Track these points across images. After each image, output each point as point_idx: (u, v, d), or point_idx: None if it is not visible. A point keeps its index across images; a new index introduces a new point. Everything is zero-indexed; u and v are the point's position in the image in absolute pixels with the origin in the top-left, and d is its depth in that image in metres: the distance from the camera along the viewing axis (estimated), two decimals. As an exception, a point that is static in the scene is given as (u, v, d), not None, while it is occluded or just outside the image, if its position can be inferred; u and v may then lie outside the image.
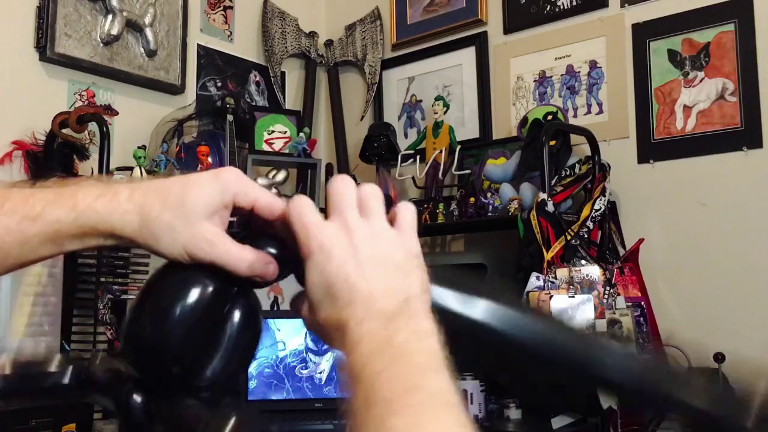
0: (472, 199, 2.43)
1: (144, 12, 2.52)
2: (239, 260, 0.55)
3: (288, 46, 3.04)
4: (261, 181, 2.55)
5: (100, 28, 2.41)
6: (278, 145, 2.69)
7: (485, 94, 2.75)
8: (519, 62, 2.68)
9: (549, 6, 2.60)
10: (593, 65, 2.50)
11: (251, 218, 0.59)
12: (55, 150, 2.20)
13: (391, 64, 3.02)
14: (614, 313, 1.95)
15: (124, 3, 2.45)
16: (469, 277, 0.60)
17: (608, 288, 1.98)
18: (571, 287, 1.97)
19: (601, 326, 1.93)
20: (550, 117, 2.41)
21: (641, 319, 2.01)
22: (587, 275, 1.98)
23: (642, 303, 2.05)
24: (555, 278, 1.99)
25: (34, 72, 2.29)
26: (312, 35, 3.11)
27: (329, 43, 3.13)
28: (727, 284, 2.17)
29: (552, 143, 2.21)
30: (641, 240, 2.18)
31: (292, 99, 3.10)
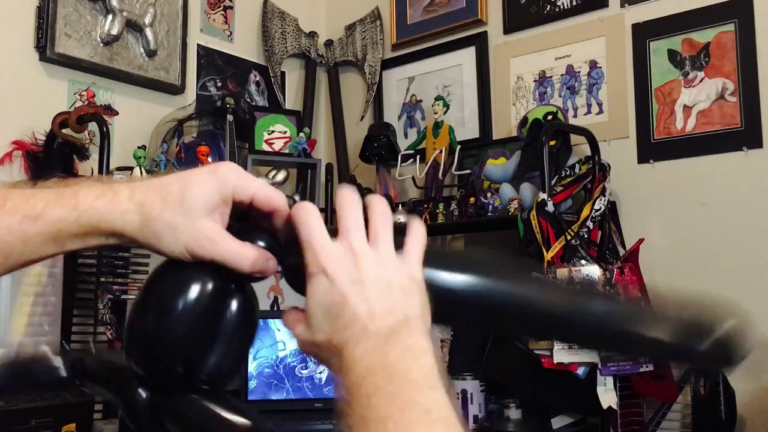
0: (472, 199, 2.43)
1: (144, 12, 2.52)
2: (241, 258, 0.56)
3: (288, 46, 3.04)
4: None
5: (100, 28, 2.41)
6: (278, 145, 2.69)
7: (485, 94, 2.75)
8: (519, 62, 2.67)
9: (549, 6, 2.60)
10: (593, 65, 2.50)
11: (249, 210, 0.59)
12: (55, 150, 2.20)
13: (391, 64, 3.02)
14: (614, 313, 1.95)
15: (124, 3, 2.45)
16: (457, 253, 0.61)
17: (608, 288, 1.98)
18: (571, 287, 1.96)
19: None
20: (550, 117, 2.41)
21: (641, 319, 2.01)
22: (587, 275, 1.98)
23: (642, 303, 2.04)
24: (555, 278, 1.99)
25: (34, 72, 2.29)
26: (312, 35, 3.11)
27: (329, 43, 3.13)
28: (727, 284, 2.17)
29: (552, 143, 2.21)
30: (641, 240, 2.18)
31: (292, 99, 3.10)
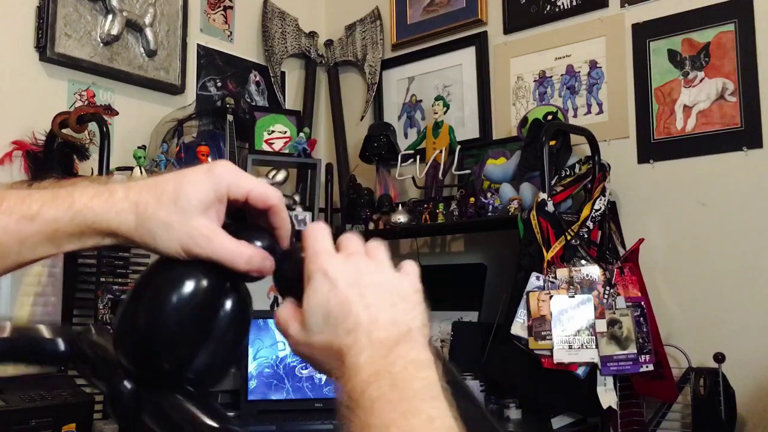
0: (472, 199, 2.42)
1: (144, 12, 2.52)
2: (237, 255, 0.55)
3: (288, 46, 3.04)
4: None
5: (100, 28, 2.41)
6: (278, 145, 2.69)
7: (485, 94, 2.74)
8: (519, 62, 2.67)
9: (549, 6, 2.60)
10: (593, 65, 2.50)
11: (245, 209, 0.59)
12: (55, 150, 2.20)
13: (391, 64, 3.02)
14: (614, 313, 1.95)
15: (124, 3, 2.45)
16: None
17: (608, 288, 1.98)
18: (571, 287, 1.97)
19: (601, 326, 1.93)
20: (550, 117, 2.41)
21: (641, 319, 2.01)
22: (587, 275, 1.98)
23: (642, 303, 2.04)
24: (555, 278, 1.99)
25: (34, 72, 2.29)
26: (312, 35, 3.11)
27: (329, 43, 3.13)
28: (727, 284, 2.17)
29: (552, 143, 2.21)
30: (641, 240, 2.18)
31: (292, 99, 3.10)
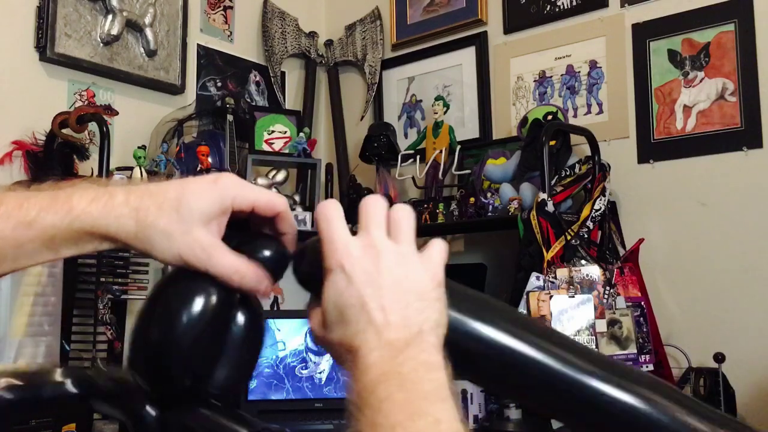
0: (472, 199, 2.42)
1: (144, 12, 2.52)
2: (233, 273, 0.55)
3: (288, 46, 3.03)
4: (261, 181, 2.55)
5: (100, 28, 2.41)
6: (278, 145, 2.69)
7: (485, 94, 2.74)
8: (519, 62, 2.67)
9: (549, 6, 2.60)
10: (593, 65, 2.50)
11: (250, 217, 0.58)
12: (55, 150, 2.20)
13: (391, 64, 3.02)
14: (614, 313, 1.95)
15: (124, 3, 2.45)
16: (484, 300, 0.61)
17: (608, 288, 1.98)
18: (571, 287, 1.97)
19: (601, 326, 1.93)
20: (550, 117, 2.41)
21: (641, 319, 2.01)
22: (587, 275, 1.98)
23: (642, 303, 2.05)
24: (555, 278, 1.99)
25: (34, 72, 2.29)
26: (312, 35, 3.11)
27: (329, 43, 3.13)
28: (727, 284, 2.17)
29: (552, 143, 2.21)
30: (641, 240, 2.18)
31: (292, 99, 3.10)
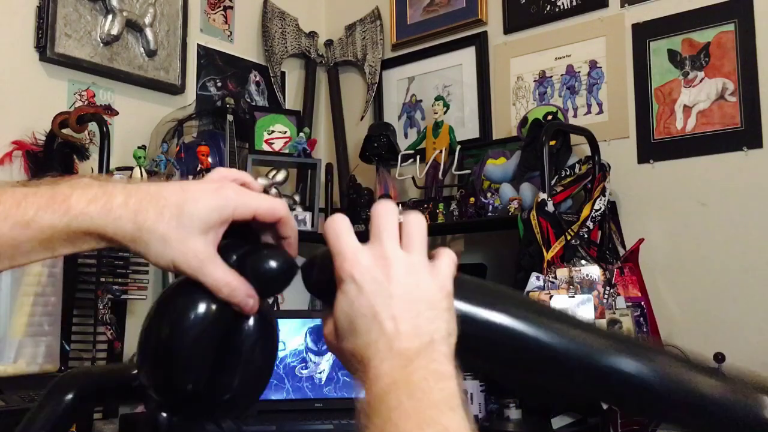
0: (472, 199, 2.43)
1: (144, 12, 2.52)
2: (223, 285, 0.55)
3: (288, 46, 3.03)
4: (261, 181, 2.55)
5: (100, 28, 2.41)
6: (278, 145, 2.69)
7: (485, 94, 2.74)
8: (519, 62, 2.67)
9: (549, 6, 2.60)
10: (593, 65, 2.50)
11: (251, 223, 0.59)
12: (55, 150, 2.20)
13: (391, 64, 3.02)
14: (614, 313, 1.95)
15: (124, 3, 2.45)
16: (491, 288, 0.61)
17: (608, 288, 1.98)
18: (571, 287, 1.97)
19: (601, 326, 1.92)
20: (550, 117, 2.41)
21: (641, 319, 2.01)
22: (587, 275, 1.98)
23: (642, 303, 2.05)
24: (555, 278, 1.99)
25: (34, 72, 2.29)
26: (312, 35, 3.11)
27: (329, 43, 3.13)
28: (727, 284, 2.17)
29: (552, 143, 2.21)
30: (641, 240, 2.18)
31: (292, 99, 3.10)
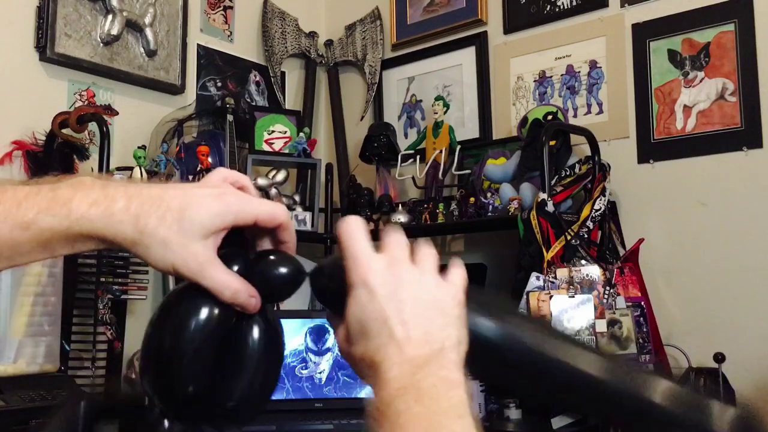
0: (472, 199, 2.42)
1: (144, 12, 2.52)
2: (224, 288, 0.56)
3: (288, 46, 3.03)
4: (261, 181, 2.55)
5: (100, 28, 2.41)
6: (278, 145, 2.69)
7: (485, 94, 2.74)
8: (519, 62, 2.67)
9: (549, 6, 2.60)
10: (593, 65, 2.50)
11: (253, 228, 0.59)
12: (55, 150, 2.20)
13: (391, 64, 3.02)
14: (614, 313, 1.95)
15: (124, 3, 2.45)
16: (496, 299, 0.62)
17: (608, 288, 1.98)
18: (571, 287, 1.97)
19: (601, 326, 1.93)
20: (550, 117, 2.41)
21: (641, 319, 2.01)
22: (587, 275, 1.98)
23: (642, 303, 2.05)
24: (555, 278, 1.99)
25: (34, 72, 2.29)
26: (312, 35, 3.11)
27: (329, 43, 3.13)
28: (727, 284, 2.17)
29: (552, 143, 2.21)
30: (641, 240, 2.18)
31: (292, 99, 3.10)
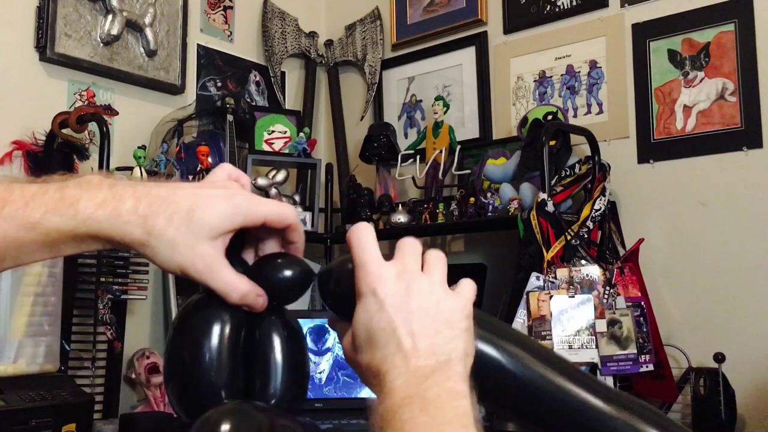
0: (472, 199, 2.42)
1: (144, 12, 2.52)
2: (232, 290, 0.56)
3: (288, 46, 3.03)
4: (261, 181, 2.55)
5: (100, 28, 2.41)
6: (278, 145, 2.69)
7: (485, 94, 2.74)
8: (519, 62, 2.67)
9: (549, 6, 2.60)
10: (593, 65, 2.50)
11: (260, 229, 0.59)
12: (55, 150, 2.20)
13: (391, 64, 3.02)
14: (614, 313, 1.95)
15: (124, 3, 2.45)
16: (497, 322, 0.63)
17: (608, 288, 1.98)
18: (571, 287, 1.97)
19: (601, 326, 1.93)
20: (550, 117, 2.41)
21: (641, 319, 2.01)
22: (587, 275, 1.98)
23: (642, 303, 2.04)
24: (555, 278, 1.99)
25: (34, 72, 2.29)
26: (312, 35, 3.11)
27: (329, 43, 3.13)
28: (727, 284, 2.17)
29: (552, 143, 2.21)
30: (641, 240, 2.18)
31: (292, 99, 3.10)
